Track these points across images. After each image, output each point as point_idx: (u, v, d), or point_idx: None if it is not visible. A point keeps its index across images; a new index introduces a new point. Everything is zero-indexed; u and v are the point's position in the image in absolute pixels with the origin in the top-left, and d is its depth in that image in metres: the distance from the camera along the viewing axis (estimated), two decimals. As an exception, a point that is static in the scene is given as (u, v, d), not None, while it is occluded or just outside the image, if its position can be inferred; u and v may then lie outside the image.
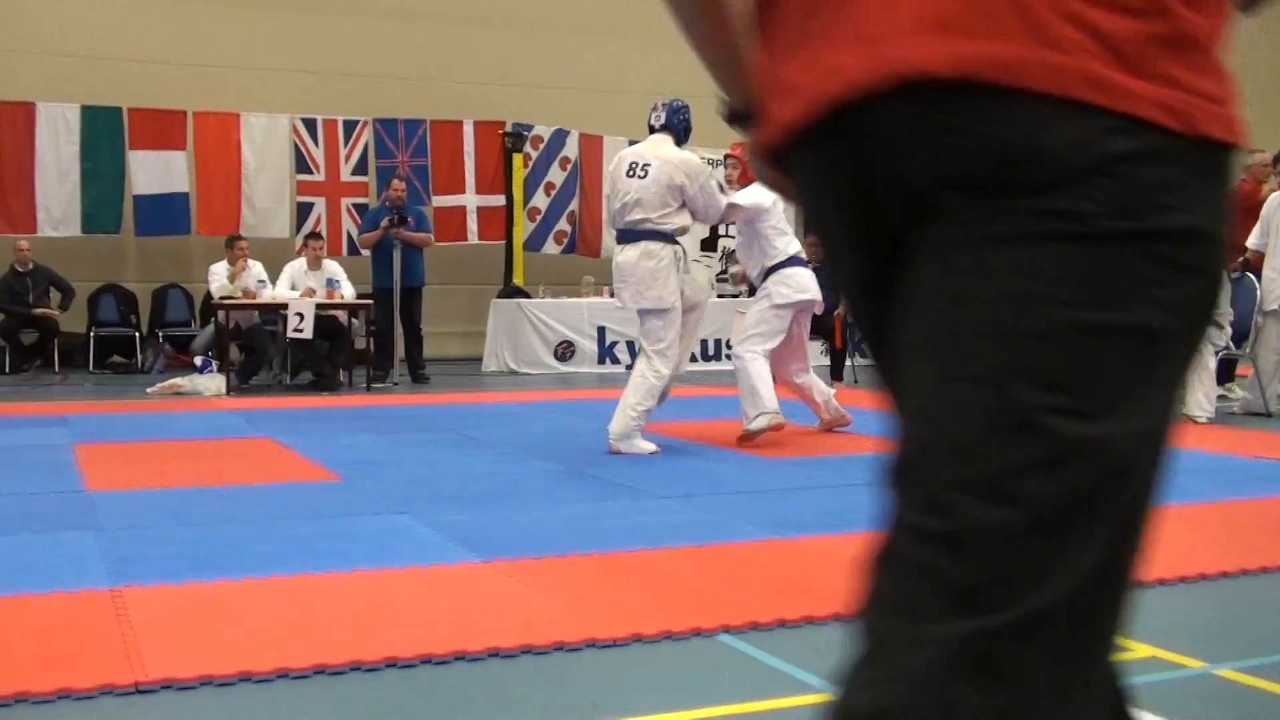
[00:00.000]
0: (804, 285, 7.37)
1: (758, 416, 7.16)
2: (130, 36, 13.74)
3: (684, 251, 7.14)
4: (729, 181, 8.02)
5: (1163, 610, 3.83)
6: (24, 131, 13.03)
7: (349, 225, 14.01)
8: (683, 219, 7.03)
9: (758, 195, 7.23)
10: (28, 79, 13.19)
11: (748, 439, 7.20)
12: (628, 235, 7.06)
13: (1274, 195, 9.08)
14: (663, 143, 7.11)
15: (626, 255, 7.04)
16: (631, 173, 7.02)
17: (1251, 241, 8.97)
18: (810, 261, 7.96)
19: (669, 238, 6.97)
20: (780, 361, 7.49)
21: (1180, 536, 4.87)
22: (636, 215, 6.96)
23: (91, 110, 13.23)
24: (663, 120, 7.22)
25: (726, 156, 7.92)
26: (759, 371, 7.20)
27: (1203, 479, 6.22)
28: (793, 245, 7.46)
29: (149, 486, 5.84)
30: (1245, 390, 9.14)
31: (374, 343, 11.81)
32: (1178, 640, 3.45)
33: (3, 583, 3.92)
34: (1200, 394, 8.38)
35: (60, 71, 13.35)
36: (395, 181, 12.13)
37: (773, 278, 7.40)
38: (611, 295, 13.69)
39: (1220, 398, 8.98)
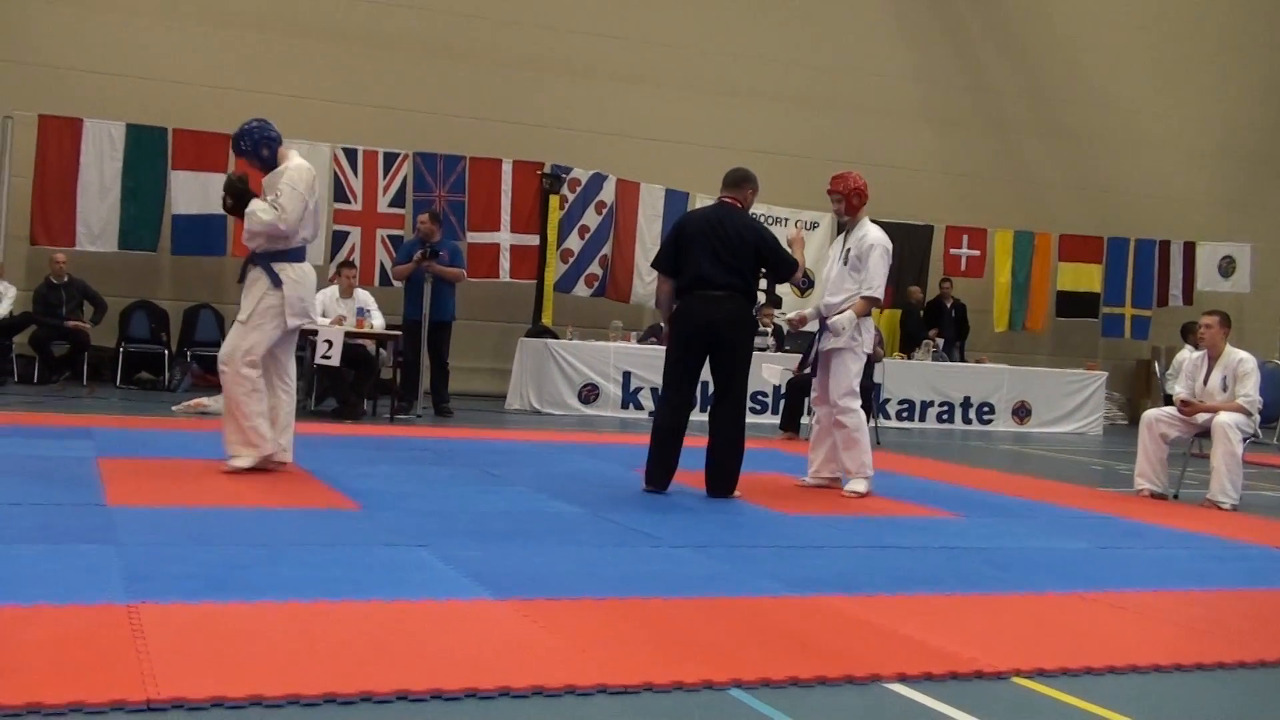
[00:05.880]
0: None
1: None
2: (179, 59, 13.93)
3: None
4: (837, 214, 8.06)
5: (1180, 695, 3.79)
6: (70, 147, 13.19)
7: (383, 256, 14.11)
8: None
9: None
10: (77, 96, 13.38)
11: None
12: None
13: None
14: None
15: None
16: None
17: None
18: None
19: None
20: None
21: (1200, 623, 4.83)
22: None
23: (137, 129, 13.39)
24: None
25: (830, 192, 7.99)
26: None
27: (1225, 566, 6.17)
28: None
29: (170, 504, 5.87)
30: None
31: (400, 374, 11.85)
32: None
33: (20, 593, 3.94)
34: (1227, 481, 8.31)
35: (109, 90, 13.54)
36: (422, 216, 12.21)
37: None
38: (640, 340, 13.80)
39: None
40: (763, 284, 8.71)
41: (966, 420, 14.96)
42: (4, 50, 13.43)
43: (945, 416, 14.89)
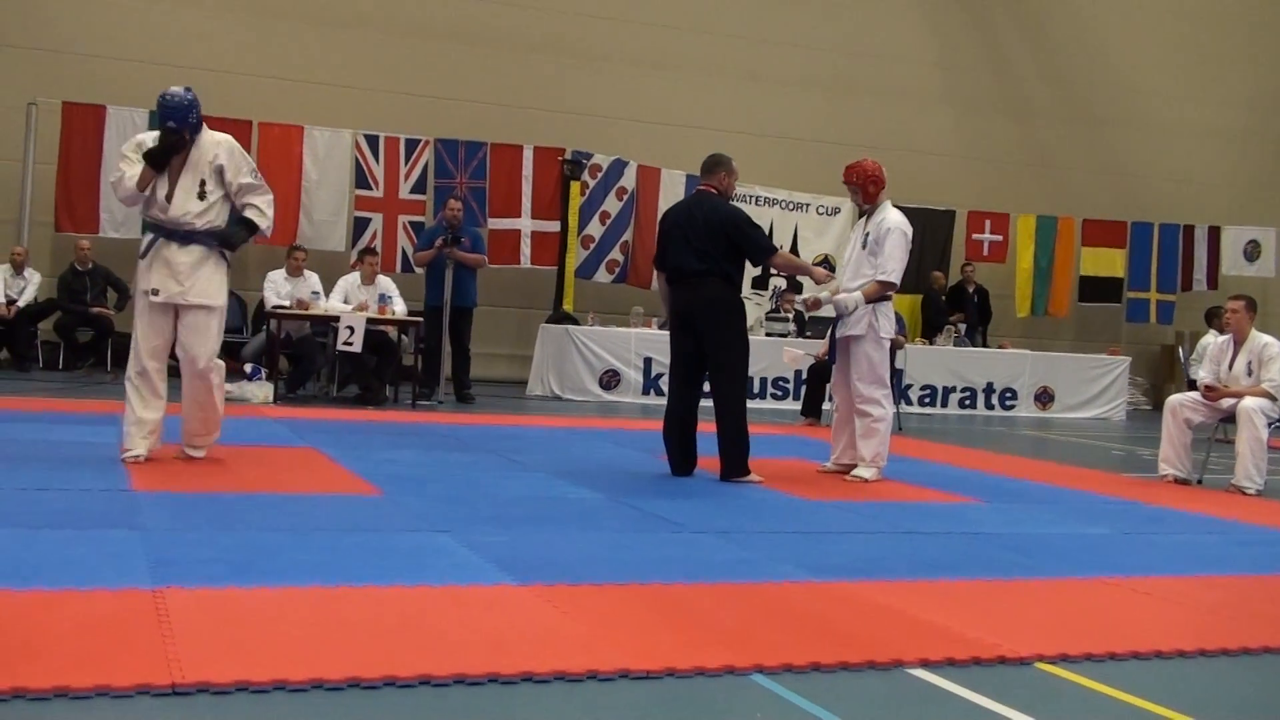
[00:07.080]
0: None
1: None
2: (202, 46, 13.96)
3: None
4: (856, 204, 8.05)
5: (1204, 681, 3.78)
6: (93, 134, 13.25)
7: (404, 242, 14.13)
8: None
9: None
10: (100, 83, 13.43)
11: None
12: None
13: None
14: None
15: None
16: None
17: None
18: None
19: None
20: None
21: (1224, 609, 4.81)
22: None
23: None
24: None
25: (845, 183, 7.94)
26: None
27: (1250, 552, 6.13)
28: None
29: (193, 490, 5.91)
30: None
31: (422, 360, 11.88)
32: (1217, 712, 3.41)
33: (47, 577, 3.97)
34: (1252, 466, 8.25)
35: (132, 77, 13.56)
36: (452, 201, 12.22)
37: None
38: (661, 326, 13.80)
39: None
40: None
41: (989, 406, 14.91)
42: (27, 38, 13.50)
43: (967, 402, 14.84)
